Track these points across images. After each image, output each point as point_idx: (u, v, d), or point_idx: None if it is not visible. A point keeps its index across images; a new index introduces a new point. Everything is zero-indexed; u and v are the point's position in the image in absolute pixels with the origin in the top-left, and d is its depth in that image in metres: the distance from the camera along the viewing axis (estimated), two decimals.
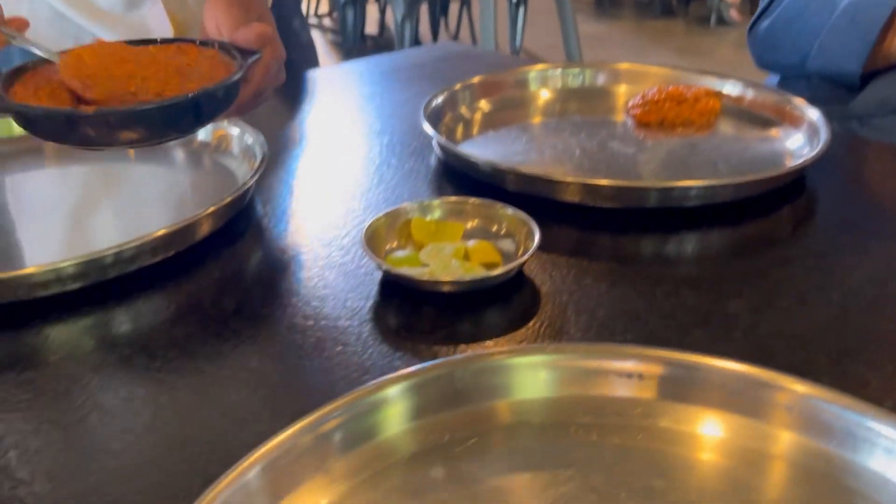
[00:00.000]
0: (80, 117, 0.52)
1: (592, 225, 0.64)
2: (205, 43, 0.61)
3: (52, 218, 0.67)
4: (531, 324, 0.51)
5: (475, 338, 0.50)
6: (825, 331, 0.50)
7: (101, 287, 0.55)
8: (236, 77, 0.56)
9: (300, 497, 0.37)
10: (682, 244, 0.63)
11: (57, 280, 0.52)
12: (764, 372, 0.41)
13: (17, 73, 0.57)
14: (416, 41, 3.50)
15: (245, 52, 0.59)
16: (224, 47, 0.61)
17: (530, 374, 0.42)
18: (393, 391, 0.40)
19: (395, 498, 0.38)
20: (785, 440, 0.40)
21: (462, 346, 0.49)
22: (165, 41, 0.62)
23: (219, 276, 0.58)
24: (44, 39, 0.85)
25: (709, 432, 0.41)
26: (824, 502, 0.37)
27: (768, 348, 0.49)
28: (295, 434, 0.38)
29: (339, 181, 0.73)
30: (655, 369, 0.42)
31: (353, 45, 3.94)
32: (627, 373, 0.42)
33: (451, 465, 0.39)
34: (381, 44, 4.13)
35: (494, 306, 0.54)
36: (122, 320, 0.53)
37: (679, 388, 0.42)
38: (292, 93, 0.96)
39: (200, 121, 0.57)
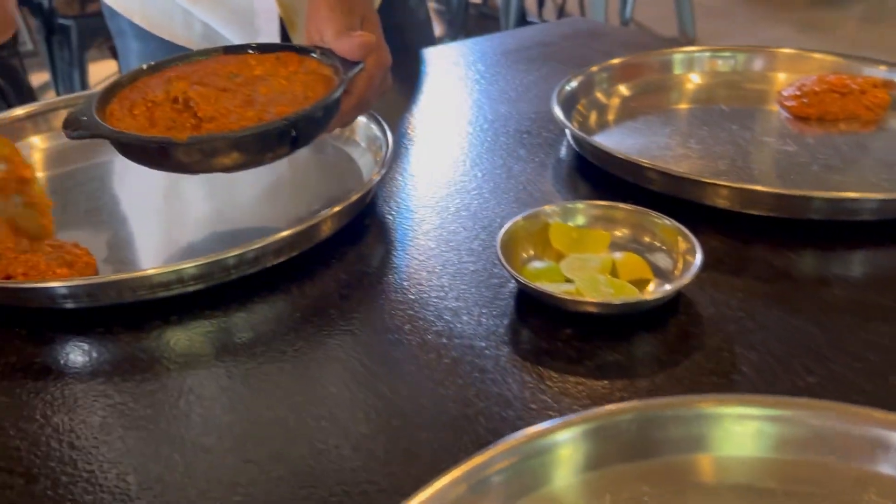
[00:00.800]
0: (174, 145, 0.49)
1: (751, 235, 0.57)
2: (306, 50, 0.57)
3: (170, 208, 0.64)
4: (695, 357, 0.45)
5: (629, 372, 0.45)
6: None
7: (221, 288, 0.51)
8: (336, 95, 0.52)
9: None
10: (859, 265, 0.55)
11: (178, 281, 0.49)
12: None
13: (113, 89, 0.55)
14: (522, 11, 3.39)
15: (347, 63, 0.55)
16: (326, 53, 0.57)
17: (740, 428, 0.36)
18: (568, 436, 0.35)
19: None
20: None
21: (616, 382, 0.44)
22: (265, 49, 0.58)
23: (343, 280, 0.54)
24: (145, 18, 0.83)
25: None
26: None
27: None
28: (449, 484, 0.33)
29: (465, 174, 0.67)
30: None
31: (455, 14, 3.87)
32: (869, 441, 0.35)
33: None
34: (486, 13, 4.04)
35: (647, 333, 0.48)
36: (244, 326, 0.50)
37: None
38: (409, 74, 0.91)
39: (299, 142, 0.53)
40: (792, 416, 0.35)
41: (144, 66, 0.58)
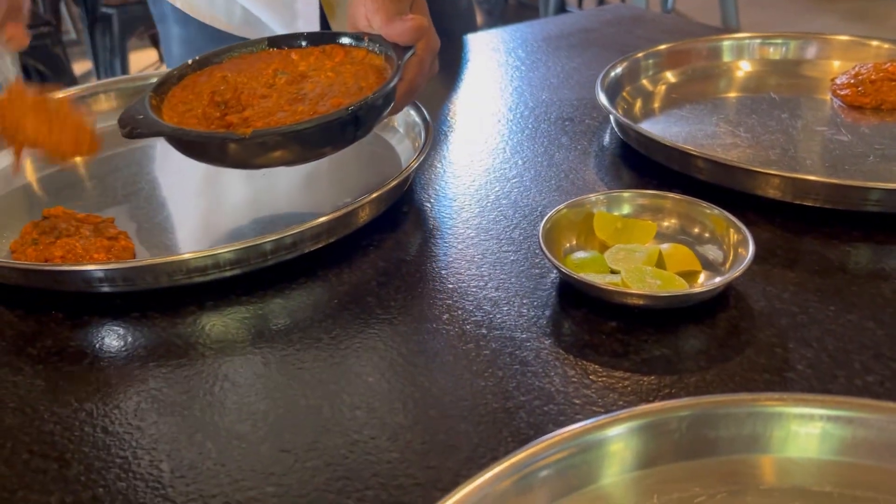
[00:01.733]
0: (236, 141, 0.48)
1: (803, 227, 0.55)
2: (357, 37, 0.56)
3: (208, 194, 0.64)
4: (747, 353, 0.43)
5: (677, 367, 0.43)
6: None
7: (258, 274, 0.51)
8: (395, 81, 0.51)
9: None
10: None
11: (214, 266, 0.49)
12: None
13: (164, 86, 0.55)
14: (562, 1, 3.35)
15: (398, 49, 0.54)
16: (374, 40, 0.56)
17: (800, 429, 0.34)
18: (616, 432, 0.33)
19: None
20: None
21: (664, 378, 0.42)
22: (313, 40, 0.57)
23: (381, 268, 0.52)
24: (187, 3, 0.83)
25: None
26: None
27: None
28: (493, 479, 0.31)
29: (506, 162, 0.66)
30: None
31: (494, 4, 3.84)
32: None
33: None
34: (525, 2, 4.00)
35: (696, 327, 0.46)
36: (280, 313, 0.49)
37: None
38: (450, 60, 0.90)
39: (360, 132, 0.52)
40: (854, 418, 0.33)
41: (190, 62, 0.57)
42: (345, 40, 0.58)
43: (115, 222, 0.55)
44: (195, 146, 0.51)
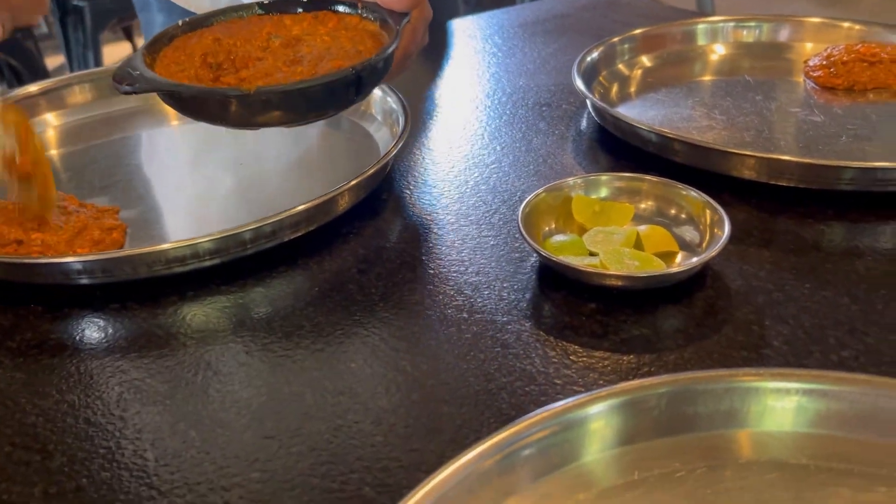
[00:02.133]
0: (238, 97, 0.47)
1: (779, 207, 0.55)
2: (348, 4, 0.56)
3: (187, 185, 0.63)
4: (722, 331, 0.44)
5: (655, 346, 0.43)
6: None
7: (238, 263, 0.51)
8: (395, 45, 0.51)
9: None
10: (892, 236, 0.53)
11: (193, 256, 0.48)
12: None
13: (156, 45, 0.54)
14: None
15: (394, 15, 0.54)
16: (369, 8, 0.55)
17: (777, 403, 0.34)
18: (597, 410, 0.34)
19: None
20: None
21: (643, 357, 0.43)
22: (308, 7, 0.57)
23: (362, 255, 0.53)
24: None
25: None
26: None
27: None
28: (477, 458, 0.32)
29: (484, 148, 0.66)
30: None
31: None
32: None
33: None
34: None
35: (673, 307, 0.46)
36: (261, 301, 0.49)
37: None
38: (429, 47, 0.89)
39: (360, 94, 0.51)
40: (828, 391, 0.34)
41: (180, 23, 0.56)
42: (339, 7, 0.57)
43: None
44: (195, 102, 0.49)
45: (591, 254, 0.49)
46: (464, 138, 0.68)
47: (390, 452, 0.37)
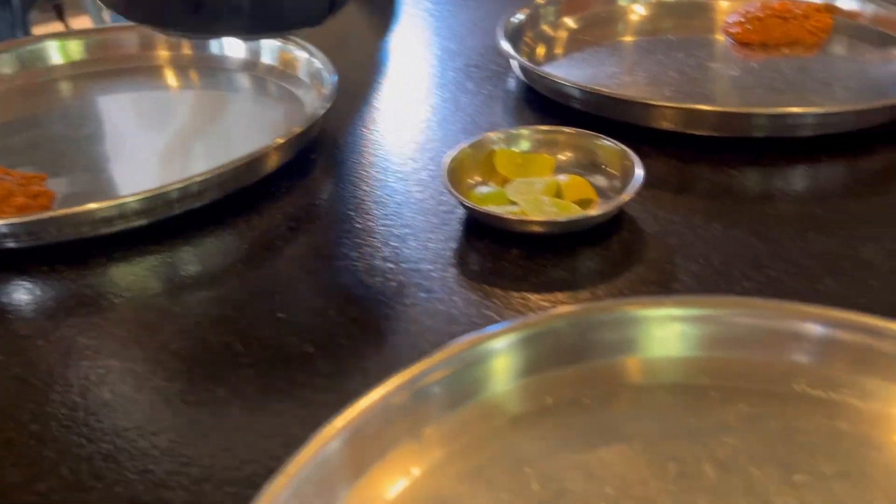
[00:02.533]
0: None
1: (695, 155, 0.58)
2: None
3: (110, 154, 0.63)
4: (636, 270, 0.46)
5: (572, 285, 0.45)
6: None
7: (167, 224, 0.51)
8: None
9: (389, 465, 0.33)
10: (799, 178, 0.56)
11: (120, 216, 0.49)
12: None
13: None
14: None
15: None
16: None
17: (662, 329, 0.37)
18: (504, 343, 0.35)
19: (498, 467, 0.33)
20: None
21: (558, 295, 0.45)
22: None
23: (291, 213, 0.53)
24: None
25: (878, 406, 0.35)
26: None
27: None
28: (390, 393, 0.33)
29: (413, 109, 0.67)
30: (828, 332, 0.36)
31: None
32: (792, 334, 0.36)
33: (562, 430, 0.35)
34: None
35: (591, 250, 0.48)
36: (190, 260, 0.49)
37: (858, 357, 0.36)
38: (355, 12, 0.90)
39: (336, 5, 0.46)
40: (715, 315, 0.36)
41: None
42: None
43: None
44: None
45: (513, 204, 0.51)
46: (393, 99, 0.69)
47: (314, 392, 0.39)
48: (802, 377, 0.36)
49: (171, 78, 0.73)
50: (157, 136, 0.63)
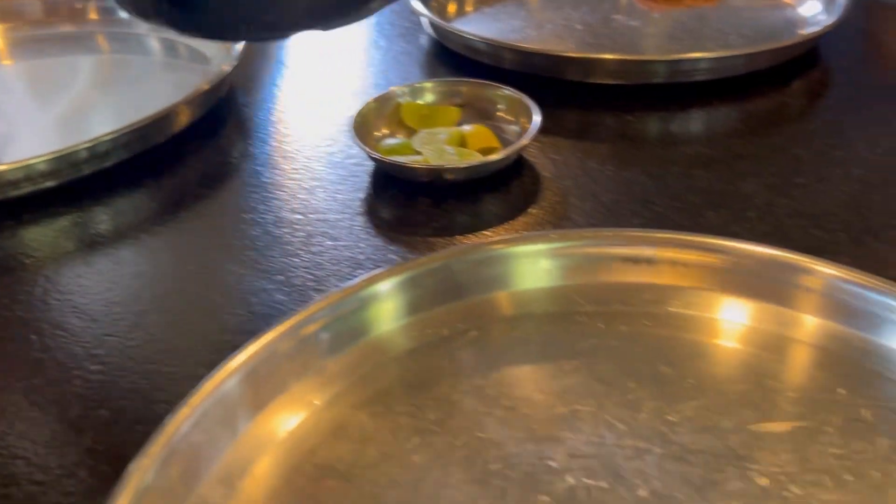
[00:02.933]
0: None
1: (597, 104, 0.60)
2: None
3: (20, 113, 0.63)
4: (532, 211, 0.48)
5: (473, 228, 0.48)
6: (845, 209, 0.48)
7: (76, 185, 0.51)
8: None
9: (291, 399, 0.35)
10: (692, 122, 0.59)
11: (27, 179, 0.49)
12: (782, 253, 0.39)
13: None
14: None
15: None
16: None
17: (531, 264, 0.40)
18: (384, 286, 0.38)
19: (395, 394, 0.36)
20: (803, 323, 0.38)
21: (459, 238, 0.47)
22: None
23: (201, 170, 0.54)
24: None
25: (722, 317, 0.39)
26: (845, 384, 0.35)
27: (785, 228, 0.46)
28: (276, 339, 0.35)
29: (324, 67, 0.68)
30: (665, 253, 0.40)
31: None
32: (634, 258, 0.40)
33: (452, 359, 0.37)
34: None
35: (493, 195, 0.50)
36: (101, 219, 0.50)
37: (690, 273, 0.39)
38: None
39: None
40: (570, 246, 0.40)
41: None
42: None
43: None
44: None
45: (419, 154, 0.53)
46: (303, 57, 0.70)
47: (223, 334, 0.40)
48: (675, 300, 0.39)
49: (79, 43, 0.72)
50: (67, 101, 0.63)
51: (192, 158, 0.56)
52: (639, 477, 0.31)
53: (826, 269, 0.38)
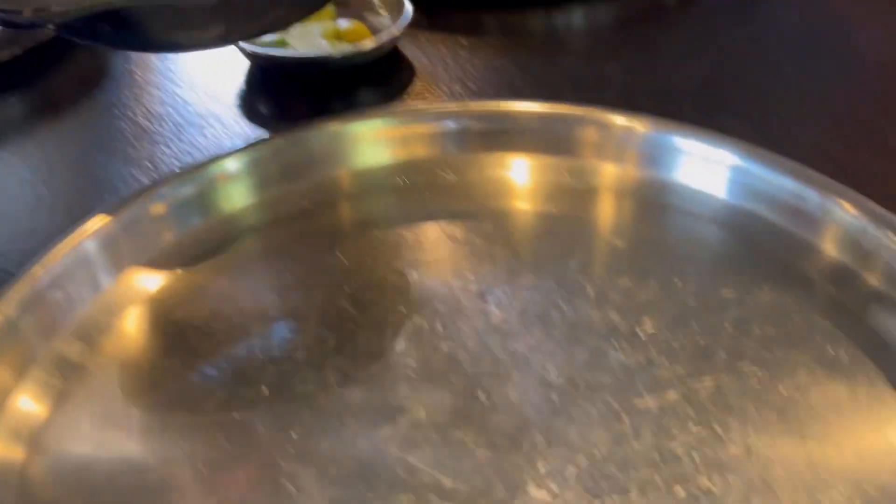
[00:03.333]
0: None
1: (484, 3, 0.61)
2: None
3: None
4: (402, 98, 0.50)
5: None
6: (698, 87, 0.50)
7: None
8: None
9: (151, 265, 0.36)
10: (572, 18, 0.61)
11: None
12: (571, 108, 0.42)
13: None
14: None
15: None
16: None
17: (369, 140, 0.42)
18: (234, 164, 0.40)
19: (256, 261, 0.38)
20: (599, 171, 0.42)
21: None
22: None
23: (75, 73, 0.54)
24: None
25: (514, 175, 0.42)
26: (641, 222, 0.39)
27: (638, 104, 0.48)
28: (140, 203, 0.36)
29: None
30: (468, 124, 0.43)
31: None
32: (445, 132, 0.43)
33: (305, 233, 0.39)
34: None
35: (367, 86, 0.52)
36: None
37: (485, 138, 0.42)
38: None
39: None
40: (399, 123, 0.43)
41: None
42: None
43: None
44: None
45: (295, 49, 0.53)
46: None
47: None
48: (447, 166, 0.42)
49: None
50: None
51: (68, 62, 0.55)
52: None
53: (619, 120, 0.42)
